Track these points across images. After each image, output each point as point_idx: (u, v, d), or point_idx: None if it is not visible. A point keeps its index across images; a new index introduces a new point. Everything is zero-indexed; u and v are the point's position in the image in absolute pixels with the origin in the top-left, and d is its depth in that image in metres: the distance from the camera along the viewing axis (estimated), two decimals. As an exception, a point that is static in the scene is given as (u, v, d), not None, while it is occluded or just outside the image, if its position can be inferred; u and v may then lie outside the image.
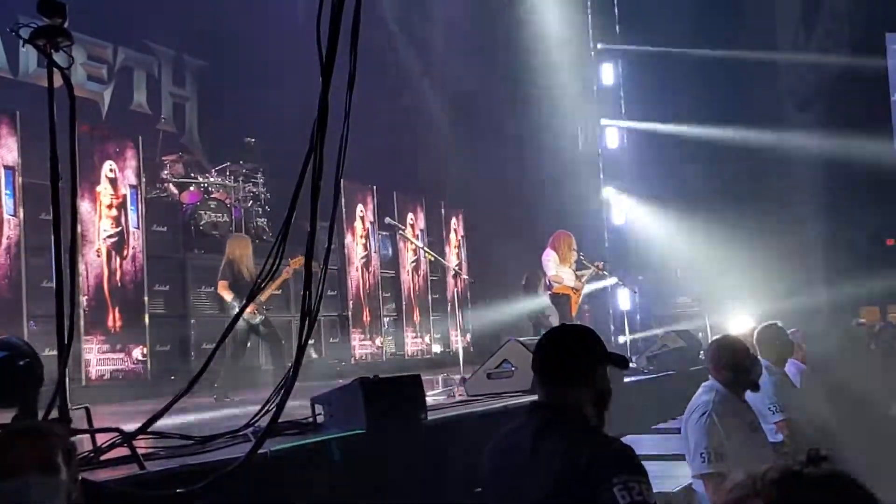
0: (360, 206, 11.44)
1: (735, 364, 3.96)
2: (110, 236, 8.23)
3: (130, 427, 3.30)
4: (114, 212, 8.30)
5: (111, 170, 8.32)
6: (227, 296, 7.72)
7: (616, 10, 15.24)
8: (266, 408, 3.66)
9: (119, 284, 8.25)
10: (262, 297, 7.65)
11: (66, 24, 3.25)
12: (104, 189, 8.24)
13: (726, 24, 14.70)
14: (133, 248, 8.43)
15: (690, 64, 14.39)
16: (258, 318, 7.63)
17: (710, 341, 4.69)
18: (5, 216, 7.33)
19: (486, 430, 4.74)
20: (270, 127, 10.90)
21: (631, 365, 7.08)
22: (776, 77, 15.79)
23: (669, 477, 4.30)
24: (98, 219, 8.15)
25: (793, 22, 15.61)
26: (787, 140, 15.57)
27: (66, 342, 3.09)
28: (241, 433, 3.66)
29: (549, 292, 9.34)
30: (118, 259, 8.29)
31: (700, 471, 3.68)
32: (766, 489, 1.00)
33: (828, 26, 15.15)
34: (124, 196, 8.42)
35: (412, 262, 12.47)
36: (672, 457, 4.32)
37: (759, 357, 5.28)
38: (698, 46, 14.47)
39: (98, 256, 8.08)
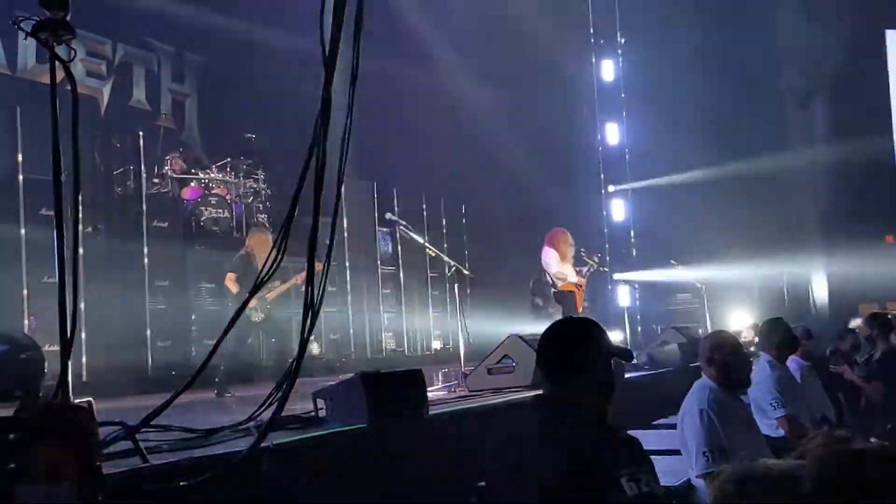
0: (358, 203, 11.45)
1: (725, 361, 3.95)
2: (110, 235, 8.24)
3: (132, 421, 3.31)
4: (114, 211, 8.31)
5: (110, 169, 8.33)
6: (233, 288, 7.70)
7: (617, 7, 15.22)
8: (269, 401, 3.67)
9: (120, 280, 8.26)
10: (269, 296, 7.64)
11: (68, 18, 3.25)
12: (104, 188, 8.25)
13: (726, 22, 14.69)
14: (133, 244, 8.44)
15: (691, 60, 14.39)
16: (259, 316, 7.60)
17: (702, 338, 4.68)
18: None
19: (487, 425, 4.76)
20: (271, 123, 10.91)
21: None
22: (776, 74, 15.79)
23: (669, 472, 4.29)
24: (98, 219, 8.15)
25: (793, 19, 15.61)
26: (788, 136, 15.59)
27: (68, 336, 3.09)
28: (243, 427, 3.66)
29: (554, 290, 9.35)
30: (119, 257, 8.29)
31: (705, 470, 3.67)
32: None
33: (828, 23, 15.15)
34: (124, 195, 8.42)
35: (413, 261, 12.48)
36: (672, 452, 4.32)
37: (760, 353, 5.31)
38: (699, 43, 14.47)
39: (97, 255, 8.08)
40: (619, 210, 15.20)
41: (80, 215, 6.56)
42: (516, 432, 2.52)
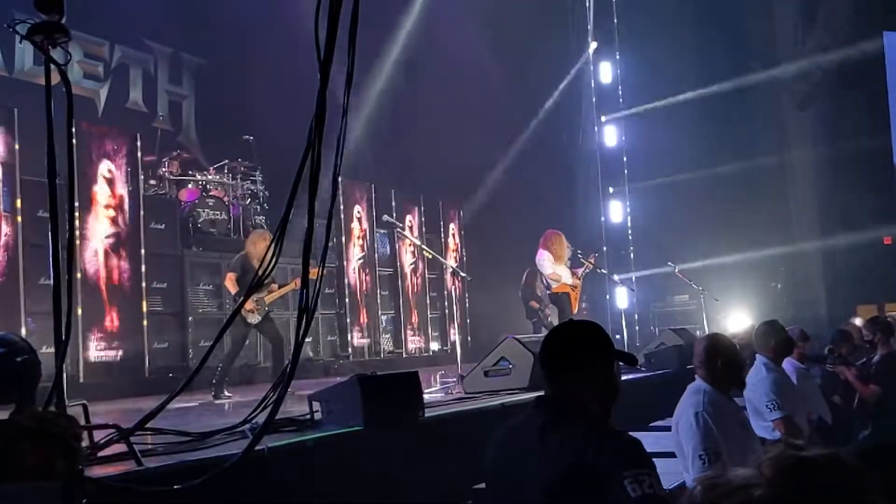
0: (357, 207, 11.45)
1: (722, 364, 3.95)
2: (108, 237, 8.24)
3: (128, 424, 3.30)
4: (111, 213, 8.31)
5: (108, 170, 8.32)
6: (232, 288, 7.72)
7: (615, 8, 15.23)
8: (263, 404, 3.67)
9: (117, 282, 8.26)
10: (268, 298, 7.64)
11: (63, 20, 3.24)
12: (101, 189, 8.24)
13: (725, 23, 14.70)
14: (131, 247, 8.43)
15: (689, 62, 14.40)
16: (256, 318, 7.59)
17: (696, 341, 4.67)
18: (2, 213, 7.33)
19: (484, 427, 4.74)
20: (268, 124, 10.90)
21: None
22: (775, 76, 15.80)
23: (665, 474, 4.29)
24: (96, 220, 8.15)
25: (791, 19, 15.62)
26: (787, 138, 15.60)
27: (63, 338, 3.09)
28: (238, 430, 3.66)
29: (549, 292, 9.36)
30: (116, 259, 8.29)
31: (701, 473, 3.66)
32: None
33: (826, 24, 15.16)
34: (121, 197, 8.42)
35: (411, 264, 12.50)
36: (667, 454, 4.33)
37: (756, 354, 5.31)
38: (697, 44, 14.48)
39: (95, 256, 8.08)
40: (617, 211, 15.20)
41: (77, 217, 6.56)
42: (518, 432, 2.51)
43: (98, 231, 8.16)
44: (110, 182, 8.33)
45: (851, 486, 1.00)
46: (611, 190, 15.15)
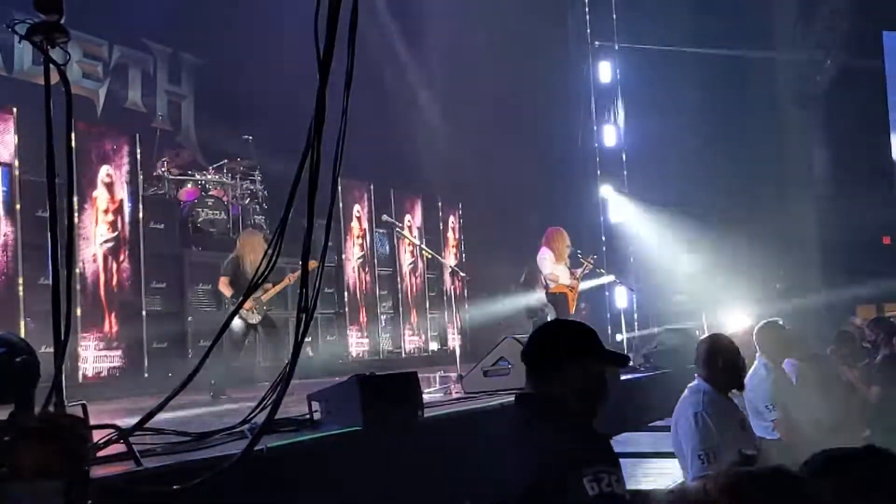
0: (356, 207, 11.46)
1: (723, 364, 3.96)
2: (107, 241, 8.24)
3: (127, 424, 3.30)
4: (110, 217, 8.30)
5: (108, 174, 8.32)
6: (227, 292, 7.72)
7: (614, 8, 15.22)
8: (263, 404, 3.67)
9: (116, 282, 8.25)
10: (264, 297, 7.64)
11: (62, 21, 3.24)
12: (100, 194, 8.24)
13: (724, 22, 14.70)
14: (130, 248, 8.43)
15: (688, 62, 14.41)
16: (256, 318, 7.59)
17: (699, 341, 4.68)
18: (1, 213, 7.33)
19: (483, 427, 4.76)
20: (268, 124, 10.89)
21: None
22: (774, 75, 15.81)
23: (665, 474, 4.31)
24: (95, 224, 8.14)
25: (791, 20, 15.63)
26: (786, 138, 15.62)
27: (62, 338, 3.08)
28: (237, 430, 3.66)
29: (546, 291, 9.34)
30: (115, 259, 8.29)
31: (701, 472, 3.67)
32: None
33: (826, 24, 15.17)
34: (121, 201, 8.41)
35: (410, 263, 12.49)
36: (667, 454, 4.34)
37: (758, 354, 5.32)
38: (696, 44, 14.49)
39: (94, 262, 8.08)
40: (615, 213, 15.18)
41: (76, 217, 6.56)
42: (501, 432, 2.53)
43: (97, 231, 8.15)
44: (109, 182, 8.33)
45: (795, 498, 1.02)
46: (610, 189, 15.15)
